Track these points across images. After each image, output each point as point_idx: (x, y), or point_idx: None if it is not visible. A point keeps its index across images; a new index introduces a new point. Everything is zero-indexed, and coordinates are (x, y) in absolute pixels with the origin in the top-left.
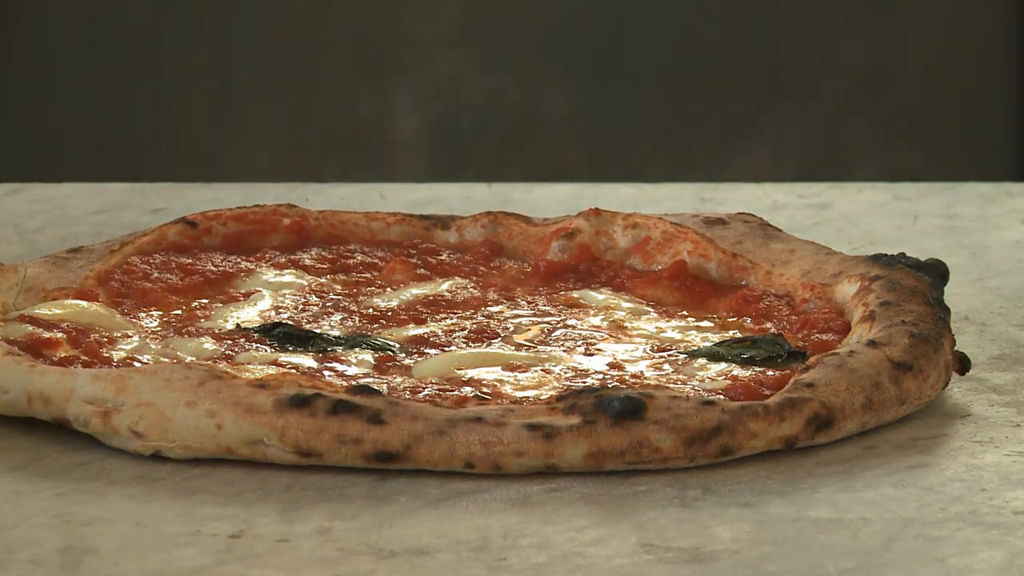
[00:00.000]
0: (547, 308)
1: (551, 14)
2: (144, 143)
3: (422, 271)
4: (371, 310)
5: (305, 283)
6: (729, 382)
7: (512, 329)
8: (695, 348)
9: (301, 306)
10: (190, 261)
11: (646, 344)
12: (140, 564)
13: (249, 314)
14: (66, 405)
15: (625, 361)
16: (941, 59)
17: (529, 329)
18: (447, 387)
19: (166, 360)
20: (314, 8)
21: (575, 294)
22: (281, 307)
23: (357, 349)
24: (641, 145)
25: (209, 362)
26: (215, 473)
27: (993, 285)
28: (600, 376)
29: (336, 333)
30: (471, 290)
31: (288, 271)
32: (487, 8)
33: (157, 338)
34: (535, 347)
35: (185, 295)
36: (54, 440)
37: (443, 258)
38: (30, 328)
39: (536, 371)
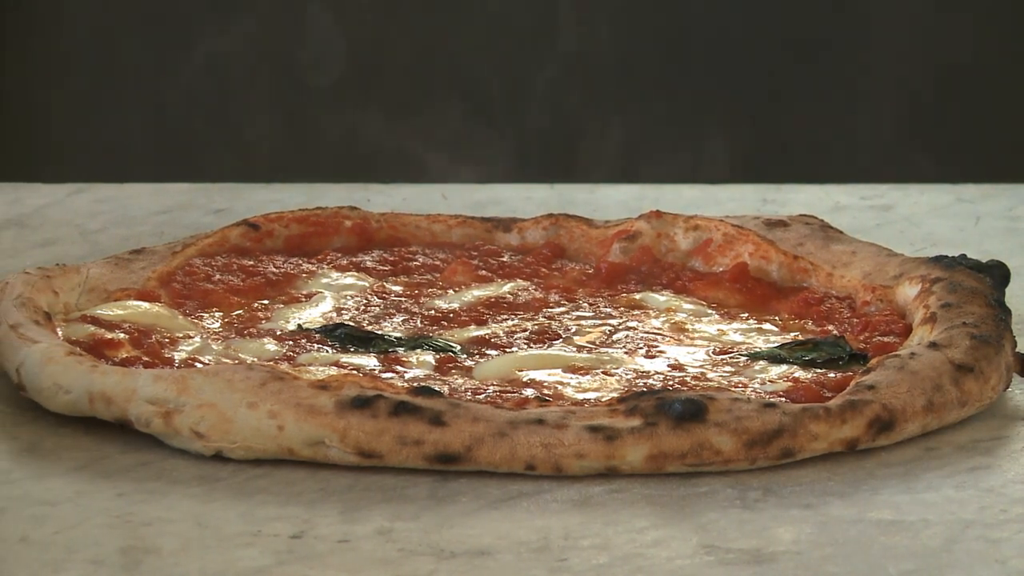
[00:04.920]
0: (608, 310)
1: (613, 18)
2: (206, 143)
3: (483, 273)
4: (432, 311)
5: (367, 284)
6: (790, 384)
7: (573, 331)
8: (756, 350)
9: (363, 307)
10: (252, 263)
11: (707, 346)
12: (201, 564)
13: (311, 315)
14: (128, 405)
15: (686, 363)
16: (1006, 59)
17: (591, 331)
18: (508, 389)
19: (228, 361)
20: (376, 10)
21: (636, 296)
22: (343, 308)
23: (418, 350)
24: (702, 147)
25: (271, 363)
26: (276, 474)
27: None
28: (661, 378)
29: (397, 334)
30: (532, 292)
31: (350, 273)
32: (549, 11)
33: (219, 339)
34: (596, 349)
35: (247, 296)
36: (116, 440)
37: (504, 260)
38: (92, 328)
39: (597, 373)
